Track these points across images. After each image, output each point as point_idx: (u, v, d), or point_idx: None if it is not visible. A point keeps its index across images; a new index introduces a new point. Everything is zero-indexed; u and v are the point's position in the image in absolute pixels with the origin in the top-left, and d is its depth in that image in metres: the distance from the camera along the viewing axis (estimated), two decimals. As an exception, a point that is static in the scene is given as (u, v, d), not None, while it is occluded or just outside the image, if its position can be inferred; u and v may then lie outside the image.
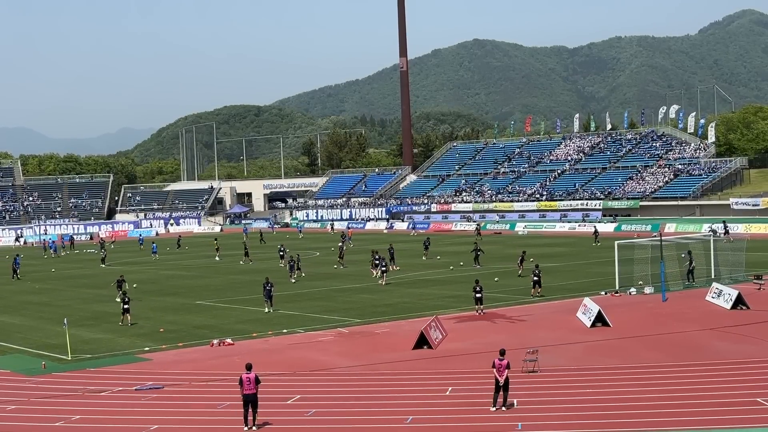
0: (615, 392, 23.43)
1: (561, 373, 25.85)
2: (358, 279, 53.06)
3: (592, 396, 23.18)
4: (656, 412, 21.22)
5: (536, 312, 38.01)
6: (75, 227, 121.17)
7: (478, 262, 57.33)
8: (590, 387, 24.24)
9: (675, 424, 20.22)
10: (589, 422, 20.74)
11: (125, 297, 39.25)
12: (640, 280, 42.95)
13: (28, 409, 24.35)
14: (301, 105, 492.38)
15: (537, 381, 25.01)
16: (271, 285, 40.89)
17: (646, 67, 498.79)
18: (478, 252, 58.37)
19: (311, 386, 25.64)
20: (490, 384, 22.54)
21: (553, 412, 21.64)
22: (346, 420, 21.98)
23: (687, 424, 20.19)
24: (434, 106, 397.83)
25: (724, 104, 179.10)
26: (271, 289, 40.70)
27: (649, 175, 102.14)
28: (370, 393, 24.80)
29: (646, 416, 20.88)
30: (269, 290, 40.64)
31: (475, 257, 57.88)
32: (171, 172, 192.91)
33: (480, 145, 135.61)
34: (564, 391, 23.83)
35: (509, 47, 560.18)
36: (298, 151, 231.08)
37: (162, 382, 26.91)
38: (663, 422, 20.42)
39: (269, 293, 40.63)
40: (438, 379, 25.83)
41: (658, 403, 22.01)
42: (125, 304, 38.56)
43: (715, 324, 33.16)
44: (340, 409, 23.00)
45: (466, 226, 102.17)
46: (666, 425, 20.21)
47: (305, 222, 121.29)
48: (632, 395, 22.89)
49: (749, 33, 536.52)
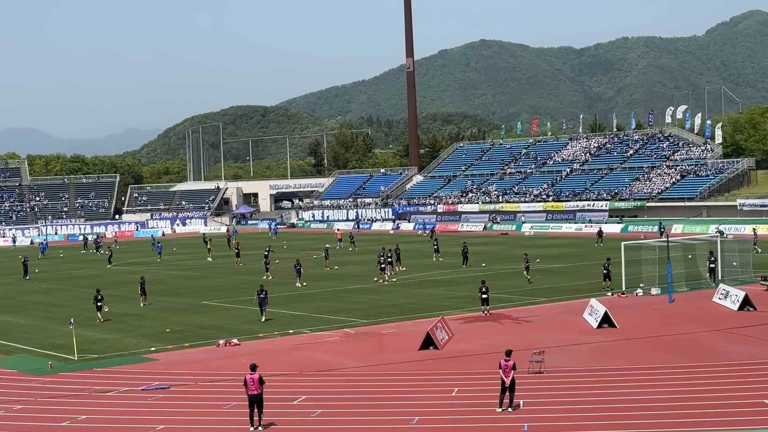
0: (621, 393, 23.39)
1: (567, 374, 25.81)
2: (364, 280, 53.04)
3: (598, 397, 23.14)
4: (663, 413, 21.17)
5: (542, 313, 37.97)
6: (81, 227, 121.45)
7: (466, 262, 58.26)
8: (596, 388, 24.19)
9: (681, 425, 20.18)
10: (596, 423, 20.70)
11: (98, 295, 40.56)
12: (642, 282, 42.90)
13: (35, 409, 24.40)
14: (307, 105, 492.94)
15: (543, 382, 24.97)
16: (265, 293, 38.77)
17: (653, 68, 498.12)
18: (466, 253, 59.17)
19: (317, 387, 25.64)
20: (497, 385, 22.52)
21: (560, 413, 21.61)
22: (352, 420, 21.98)
23: (693, 425, 20.14)
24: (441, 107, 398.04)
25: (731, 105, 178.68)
26: (264, 297, 38.60)
27: (655, 176, 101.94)
28: (376, 393, 24.79)
29: (652, 417, 20.83)
30: (263, 298, 38.54)
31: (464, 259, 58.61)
32: (177, 172, 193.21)
33: (486, 145, 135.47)
34: (570, 392, 23.80)
35: (516, 48, 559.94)
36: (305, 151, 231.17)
37: (168, 382, 26.94)
38: (669, 423, 20.37)
39: (263, 301, 38.57)
40: (444, 379, 25.81)
41: (665, 404, 21.96)
42: (99, 302, 40.16)
43: (722, 325, 33.08)
44: (346, 409, 23.00)
45: (472, 227, 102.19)
46: (672, 426, 20.16)
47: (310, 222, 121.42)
48: (639, 396, 22.84)
49: (756, 34, 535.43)
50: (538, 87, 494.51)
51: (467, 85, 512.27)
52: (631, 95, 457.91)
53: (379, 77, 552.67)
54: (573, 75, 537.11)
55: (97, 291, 41.46)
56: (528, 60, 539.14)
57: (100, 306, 40.24)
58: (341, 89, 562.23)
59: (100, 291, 41.51)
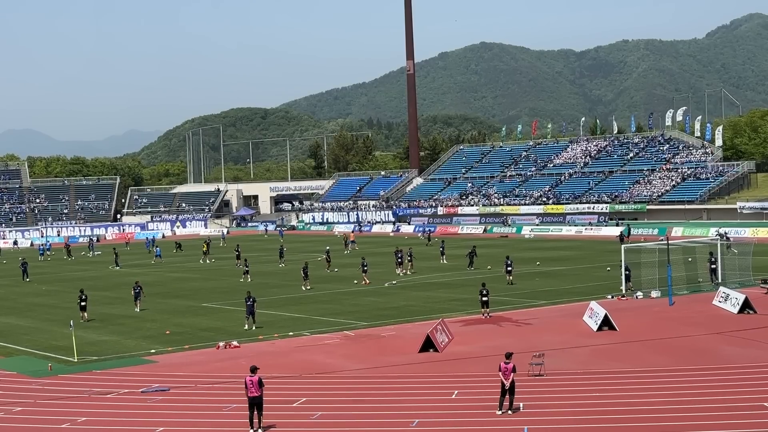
0: (621, 396, 23.38)
1: (567, 377, 25.81)
2: (365, 282, 53.08)
3: (598, 400, 23.14)
4: (662, 416, 21.18)
5: (543, 315, 37.97)
6: (81, 229, 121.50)
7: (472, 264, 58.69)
8: (596, 391, 24.19)
9: (681, 429, 20.18)
10: (596, 426, 20.71)
11: (82, 295, 41.16)
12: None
13: (35, 411, 24.40)
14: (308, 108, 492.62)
15: (543, 384, 24.97)
16: (253, 300, 37.33)
17: (654, 71, 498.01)
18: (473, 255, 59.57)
19: (317, 389, 25.63)
20: (497, 387, 22.52)
21: (560, 416, 21.61)
22: (351, 423, 21.98)
23: (693, 428, 20.14)
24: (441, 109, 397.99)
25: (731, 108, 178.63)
26: (253, 304, 37.17)
27: (656, 179, 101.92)
28: (376, 396, 24.80)
29: (652, 420, 20.84)
30: (251, 305, 37.06)
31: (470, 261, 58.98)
32: (178, 174, 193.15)
33: (487, 148, 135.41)
34: (570, 394, 23.79)
35: (516, 50, 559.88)
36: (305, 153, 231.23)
37: (168, 384, 26.94)
38: (669, 426, 20.38)
39: (251, 309, 37.05)
40: (444, 382, 25.81)
41: (664, 407, 21.96)
42: (82, 302, 40.89)
43: (722, 328, 33.07)
44: (346, 412, 23.00)
45: (472, 229, 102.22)
46: (672, 429, 20.17)
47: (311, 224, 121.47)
48: (638, 399, 22.84)
49: (757, 37, 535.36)
50: (538, 90, 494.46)
51: (467, 88, 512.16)
52: (631, 98, 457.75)
53: (380, 79, 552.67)
54: (573, 78, 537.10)
55: (81, 291, 42.07)
56: (528, 62, 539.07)
57: (84, 306, 40.95)
58: (342, 91, 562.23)
59: (83, 291, 42.15)
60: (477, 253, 60.30)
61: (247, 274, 57.33)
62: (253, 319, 37.26)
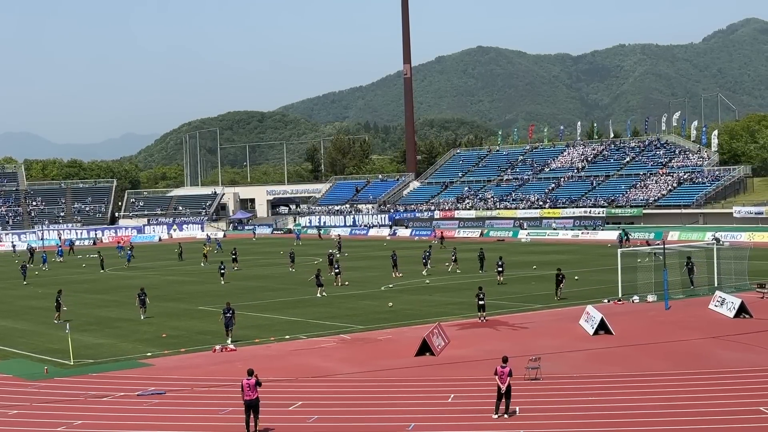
0: (617, 400, 23.40)
1: (563, 381, 25.83)
2: (360, 285, 53.05)
3: (594, 404, 23.15)
4: (659, 420, 21.19)
5: (539, 319, 37.98)
6: (78, 232, 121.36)
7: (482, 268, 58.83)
8: (593, 395, 24.22)
9: (677, 433, 20.20)
10: (592, 430, 20.73)
11: (59, 296, 42.23)
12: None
13: (31, 414, 24.38)
14: (304, 111, 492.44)
15: (539, 388, 24.98)
16: (232, 312, 34.74)
17: (650, 75, 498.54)
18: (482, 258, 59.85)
19: (313, 392, 25.63)
20: (493, 391, 22.54)
21: (556, 420, 21.62)
22: (347, 426, 21.98)
23: (689, 433, 20.16)
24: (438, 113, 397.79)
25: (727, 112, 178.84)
26: (231, 316, 34.65)
27: (652, 183, 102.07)
28: (372, 399, 24.80)
29: (648, 424, 20.85)
30: (229, 317, 34.53)
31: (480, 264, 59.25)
32: (174, 177, 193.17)
33: (483, 152, 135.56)
34: (566, 398, 23.81)
35: (513, 54, 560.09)
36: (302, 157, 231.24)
37: (164, 387, 26.92)
38: (665, 430, 20.40)
39: (229, 321, 34.54)
40: (440, 386, 25.81)
41: (661, 411, 21.98)
42: (58, 301, 42.01)
43: (718, 332, 33.11)
44: (342, 415, 23.00)
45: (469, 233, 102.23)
46: (668, 434, 20.18)
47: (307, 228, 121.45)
48: (635, 403, 22.86)
49: (753, 41, 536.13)
50: (535, 94, 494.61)
51: (464, 92, 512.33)
52: (627, 102, 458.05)
53: (377, 83, 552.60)
54: (570, 82, 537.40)
55: (59, 292, 42.85)
56: (525, 67, 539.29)
57: (59, 305, 41.76)
58: (339, 95, 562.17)
59: (61, 292, 42.95)
60: (485, 257, 60.43)
61: (223, 276, 58.50)
62: (230, 332, 34.57)
